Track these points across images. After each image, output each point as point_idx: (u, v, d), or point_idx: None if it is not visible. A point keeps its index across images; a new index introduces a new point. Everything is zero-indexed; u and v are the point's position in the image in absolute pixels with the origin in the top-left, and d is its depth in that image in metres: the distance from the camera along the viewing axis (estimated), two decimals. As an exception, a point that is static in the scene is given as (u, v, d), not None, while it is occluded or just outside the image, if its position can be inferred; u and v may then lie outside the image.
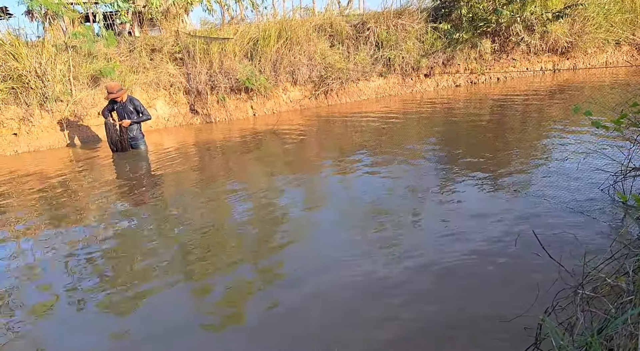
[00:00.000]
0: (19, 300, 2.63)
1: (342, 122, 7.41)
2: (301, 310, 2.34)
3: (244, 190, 4.42)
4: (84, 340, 2.26)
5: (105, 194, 4.57)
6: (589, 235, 2.82)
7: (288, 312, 2.33)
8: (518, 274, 2.49)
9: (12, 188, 5.00)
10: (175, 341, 2.17)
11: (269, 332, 2.19)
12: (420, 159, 4.89)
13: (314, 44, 8.59)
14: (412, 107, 8.20)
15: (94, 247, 3.28)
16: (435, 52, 9.55)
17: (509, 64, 10.42)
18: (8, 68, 6.69)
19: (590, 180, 3.70)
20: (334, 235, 3.20)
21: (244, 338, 2.18)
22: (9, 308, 2.55)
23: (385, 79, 9.47)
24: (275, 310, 2.36)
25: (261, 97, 8.40)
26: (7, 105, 6.82)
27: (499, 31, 9.91)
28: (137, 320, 2.38)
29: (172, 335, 2.21)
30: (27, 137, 6.98)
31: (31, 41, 7.23)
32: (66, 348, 2.23)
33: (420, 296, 2.38)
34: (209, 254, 3.04)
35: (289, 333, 2.17)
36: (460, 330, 2.09)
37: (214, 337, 2.22)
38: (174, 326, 2.27)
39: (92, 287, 2.70)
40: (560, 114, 6.71)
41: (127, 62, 7.65)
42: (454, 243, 2.90)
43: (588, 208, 3.19)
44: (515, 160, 4.58)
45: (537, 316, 1.65)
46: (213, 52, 7.85)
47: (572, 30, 10.35)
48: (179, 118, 8.02)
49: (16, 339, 2.27)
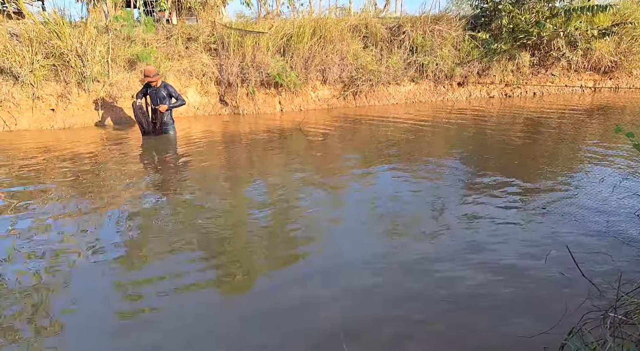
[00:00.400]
0: (45, 282, 2.68)
1: (369, 124, 7.35)
2: (311, 307, 2.36)
3: (265, 183, 4.46)
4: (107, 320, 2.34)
5: (131, 175, 4.71)
6: (621, 259, 2.71)
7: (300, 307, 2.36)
8: (544, 293, 2.42)
9: (46, 162, 5.22)
10: (198, 329, 2.21)
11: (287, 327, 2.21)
12: (447, 169, 4.74)
13: (347, 44, 8.57)
14: (442, 115, 8.04)
15: (116, 227, 3.39)
16: (470, 61, 9.35)
17: (547, 79, 10.09)
18: (51, 46, 6.97)
19: (625, 204, 3.55)
20: (350, 239, 3.15)
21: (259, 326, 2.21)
22: (40, 286, 2.61)
23: (417, 85, 9.35)
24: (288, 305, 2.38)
25: (290, 93, 8.45)
26: (47, 82, 7.13)
27: (539, 44, 9.62)
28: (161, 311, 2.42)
29: (193, 328, 2.24)
30: (64, 114, 7.27)
31: (74, 21, 7.51)
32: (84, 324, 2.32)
33: (440, 308, 2.33)
34: (228, 244, 3.08)
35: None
36: (479, 345, 2.05)
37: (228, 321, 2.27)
38: (196, 321, 2.30)
39: (114, 270, 2.78)
40: (598, 134, 6.43)
41: (164, 48, 7.84)
42: (479, 256, 2.82)
43: (621, 233, 3.07)
44: (546, 177, 4.41)
45: (559, 335, 1.60)
46: (247, 45, 7.94)
47: (617, 49, 9.94)
48: (208, 108, 8.17)
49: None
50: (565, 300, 2.06)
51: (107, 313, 2.35)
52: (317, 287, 2.55)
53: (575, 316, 1.68)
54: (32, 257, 2.91)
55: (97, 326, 2.26)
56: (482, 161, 5.16)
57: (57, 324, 2.26)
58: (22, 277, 2.67)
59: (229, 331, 2.20)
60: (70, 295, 2.50)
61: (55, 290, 2.55)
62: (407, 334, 2.15)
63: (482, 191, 4.02)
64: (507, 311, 2.28)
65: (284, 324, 2.24)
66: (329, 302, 2.41)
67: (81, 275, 2.71)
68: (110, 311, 2.35)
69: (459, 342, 2.08)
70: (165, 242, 3.11)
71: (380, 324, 2.21)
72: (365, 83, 8.67)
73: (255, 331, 2.19)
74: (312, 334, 2.16)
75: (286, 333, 2.17)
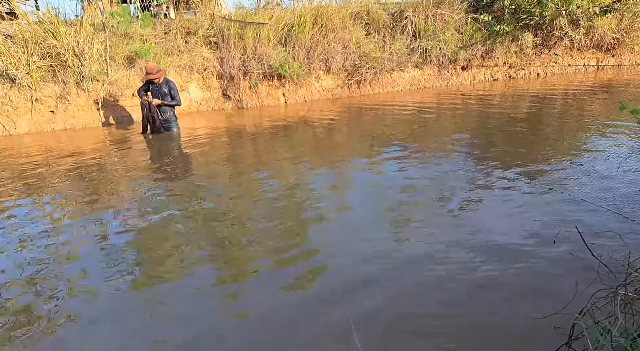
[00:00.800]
0: (49, 280, 2.61)
1: (374, 112, 7.24)
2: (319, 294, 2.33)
3: (272, 177, 4.35)
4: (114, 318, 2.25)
5: (135, 174, 4.59)
6: (629, 236, 2.70)
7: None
8: (554, 273, 2.41)
9: (47, 165, 5.06)
10: (202, 325, 2.15)
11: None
12: (453, 153, 4.72)
13: (349, 32, 8.40)
14: (448, 100, 7.95)
15: (121, 227, 3.29)
16: (474, 44, 9.22)
17: (550, 59, 9.99)
18: (47, 46, 6.76)
19: (631, 182, 3.54)
20: (359, 227, 3.12)
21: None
22: (40, 287, 2.55)
23: (421, 71, 9.21)
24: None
25: (293, 84, 8.29)
26: (45, 83, 6.92)
27: (542, 24, 9.47)
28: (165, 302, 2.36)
29: (199, 320, 2.19)
30: (64, 115, 7.07)
31: (70, 20, 7.28)
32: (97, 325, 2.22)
33: (451, 289, 2.33)
34: (235, 238, 3.01)
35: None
36: (491, 325, 2.04)
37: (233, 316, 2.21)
38: (202, 313, 2.26)
39: (119, 270, 2.69)
40: (603, 112, 6.38)
41: (162, 44, 7.64)
42: (488, 238, 2.81)
43: (627, 210, 3.06)
44: (552, 157, 4.38)
45: (570, 315, 1.60)
46: (247, 37, 7.76)
47: (619, 26, 9.85)
48: (211, 103, 7.99)
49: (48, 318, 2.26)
50: (576, 279, 2.05)
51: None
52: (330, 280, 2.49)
53: (586, 295, 1.68)
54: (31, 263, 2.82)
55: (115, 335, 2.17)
56: (488, 144, 5.11)
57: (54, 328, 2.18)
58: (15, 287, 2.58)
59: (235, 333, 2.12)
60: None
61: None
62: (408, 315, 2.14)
63: (489, 174, 3.99)
64: (518, 293, 2.28)
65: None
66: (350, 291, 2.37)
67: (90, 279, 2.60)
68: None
69: (474, 327, 2.05)
70: (182, 242, 3.02)
71: (393, 312, 2.19)
72: (368, 71, 8.52)
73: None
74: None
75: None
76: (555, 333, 1.72)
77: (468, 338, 1.99)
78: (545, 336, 1.81)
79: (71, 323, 2.21)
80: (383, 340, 1.99)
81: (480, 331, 2.02)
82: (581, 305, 1.62)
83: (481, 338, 1.98)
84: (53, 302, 2.39)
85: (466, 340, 1.97)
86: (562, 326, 1.67)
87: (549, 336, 1.76)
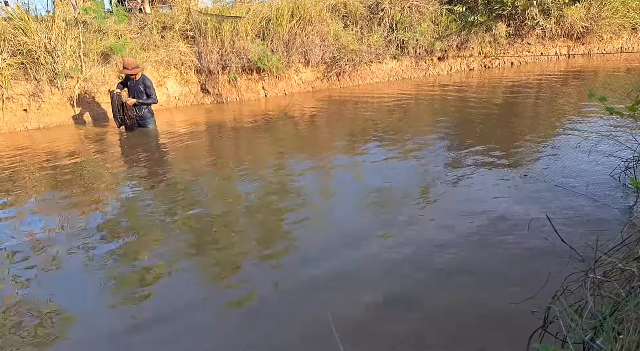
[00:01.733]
0: (24, 284, 2.54)
1: (354, 104, 7.30)
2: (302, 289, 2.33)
3: (253, 171, 4.34)
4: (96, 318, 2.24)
5: (113, 172, 4.52)
6: (600, 220, 2.78)
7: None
8: (528, 258, 2.46)
9: (20, 165, 4.94)
10: (188, 319, 2.15)
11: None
12: (432, 143, 4.80)
13: (327, 25, 8.43)
14: (425, 91, 8.08)
15: (100, 225, 3.23)
16: (449, 35, 9.37)
17: (523, 48, 10.24)
18: (17, 43, 6.58)
19: (602, 166, 3.64)
20: (342, 218, 3.15)
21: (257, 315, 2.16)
22: (16, 288, 2.50)
23: (399, 62, 9.31)
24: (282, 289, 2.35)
25: (273, 77, 8.28)
26: (17, 81, 6.74)
27: (514, 15, 9.71)
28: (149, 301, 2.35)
29: (184, 315, 2.18)
30: (37, 113, 6.91)
31: (41, 16, 7.09)
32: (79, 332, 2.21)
33: (427, 277, 2.36)
34: (217, 234, 3.00)
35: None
36: (468, 313, 2.07)
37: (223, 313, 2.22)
38: (186, 307, 2.25)
39: (100, 266, 2.67)
40: (574, 100, 6.60)
41: (138, 39, 7.52)
42: (463, 226, 2.85)
43: (599, 194, 3.15)
44: (526, 145, 4.51)
45: (546, 299, 1.64)
46: (225, 31, 7.70)
47: (588, 15, 10.17)
48: (189, 98, 7.92)
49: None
50: (549, 264, 2.08)
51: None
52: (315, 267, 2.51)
53: (559, 279, 1.71)
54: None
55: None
56: (465, 133, 5.22)
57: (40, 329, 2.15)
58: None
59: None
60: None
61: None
62: (393, 308, 2.14)
63: (465, 162, 4.08)
64: (494, 279, 2.31)
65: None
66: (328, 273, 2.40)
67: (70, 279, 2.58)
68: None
69: (451, 313, 2.08)
70: (160, 238, 3.00)
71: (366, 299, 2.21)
72: (347, 63, 8.57)
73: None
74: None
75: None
76: (533, 317, 1.73)
77: (444, 324, 2.01)
78: (522, 320, 1.82)
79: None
80: (360, 330, 2.01)
81: (455, 318, 2.04)
82: (556, 289, 1.66)
83: (457, 325, 1.99)
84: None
85: (442, 325, 2.00)
86: (539, 311, 1.69)
87: (527, 320, 1.77)
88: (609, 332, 1.25)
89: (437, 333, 1.97)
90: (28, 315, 2.23)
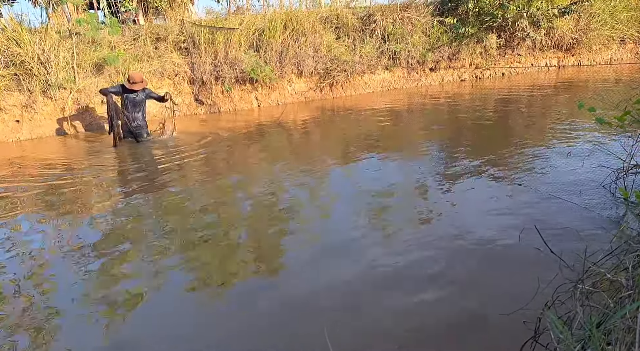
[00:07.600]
0: (17, 294, 2.52)
1: (347, 114, 7.34)
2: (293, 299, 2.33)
3: (248, 182, 4.34)
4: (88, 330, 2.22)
5: (107, 183, 4.50)
6: (590, 230, 2.80)
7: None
8: (520, 269, 2.47)
9: (13, 176, 4.90)
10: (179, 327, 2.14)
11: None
12: (423, 153, 4.83)
13: (320, 36, 8.51)
14: (417, 101, 8.16)
15: (94, 237, 3.21)
16: (441, 46, 9.50)
17: (514, 60, 10.39)
18: (11, 54, 6.57)
19: (592, 177, 3.67)
20: (334, 229, 3.15)
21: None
22: (12, 299, 2.47)
23: (391, 73, 9.41)
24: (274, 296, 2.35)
25: (266, 88, 8.33)
26: (9, 92, 6.70)
27: (504, 26, 9.87)
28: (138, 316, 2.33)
29: (177, 326, 2.19)
30: (30, 124, 6.87)
31: (34, 27, 7.10)
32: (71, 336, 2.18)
33: (419, 289, 2.35)
34: (211, 241, 3.00)
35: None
36: (460, 323, 2.07)
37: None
38: (179, 318, 2.25)
39: (91, 278, 2.65)
40: (565, 110, 6.68)
41: (132, 50, 7.54)
42: (455, 237, 2.86)
43: (590, 204, 3.17)
44: (518, 155, 4.54)
45: (537, 310, 1.65)
46: (218, 42, 7.75)
47: (577, 27, 10.36)
48: (183, 108, 7.92)
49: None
50: (539, 275, 2.08)
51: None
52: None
53: (550, 289, 1.73)
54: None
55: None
56: (457, 143, 5.26)
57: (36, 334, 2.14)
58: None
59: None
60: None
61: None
62: (383, 319, 2.13)
63: (458, 172, 4.10)
64: (484, 290, 2.31)
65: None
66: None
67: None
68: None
69: (440, 324, 2.08)
70: (154, 248, 2.98)
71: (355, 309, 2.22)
72: (340, 74, 8.65)
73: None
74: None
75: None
76: (524, 327, 1.75)
77: (434, 335, 2.01)
78: (514, 331, 1.83)
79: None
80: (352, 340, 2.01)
81: (446, 330, 2.04)
82: (547, 299, 1.68)
83: (448, 336, 1.99)
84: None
85: (433, 336, 2.00)
86: (530, 321, 1.71)
87: (519, 331, 1.78)
88: (597, 344, 1.26)
89: (428, 344, 1.96)
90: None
